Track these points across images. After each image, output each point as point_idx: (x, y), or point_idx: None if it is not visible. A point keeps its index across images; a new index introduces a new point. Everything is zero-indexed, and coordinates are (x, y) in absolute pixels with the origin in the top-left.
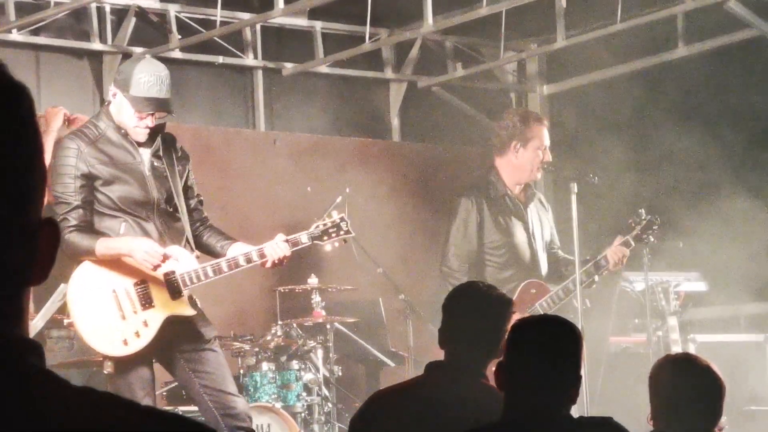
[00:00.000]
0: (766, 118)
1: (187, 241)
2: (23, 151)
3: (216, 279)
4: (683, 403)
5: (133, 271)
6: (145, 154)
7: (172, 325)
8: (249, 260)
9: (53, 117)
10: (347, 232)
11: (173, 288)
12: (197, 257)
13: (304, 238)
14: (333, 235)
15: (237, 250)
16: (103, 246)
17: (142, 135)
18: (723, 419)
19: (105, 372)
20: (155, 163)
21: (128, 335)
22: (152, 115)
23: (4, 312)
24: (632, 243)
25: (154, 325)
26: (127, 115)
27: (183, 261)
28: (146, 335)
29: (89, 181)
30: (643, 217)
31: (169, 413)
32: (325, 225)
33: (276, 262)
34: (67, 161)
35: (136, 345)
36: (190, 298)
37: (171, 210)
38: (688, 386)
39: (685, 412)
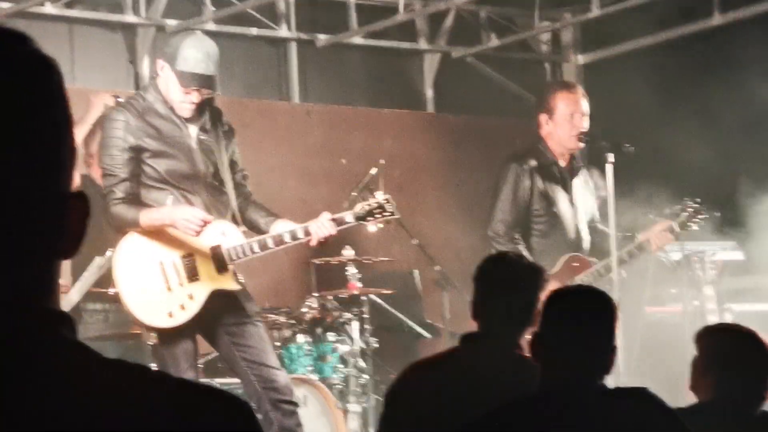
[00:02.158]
0: None
1: (233, 215)
2: (53, 124)
3: (262, 255)
4: (729, 373)
5: (179, 243)
6: (193, 127)
7: (216, 299)
8: (294, 237)
9: (94, 106)
10: (392, 213)
11: (219, 262)
12: (243, 232)
13: (348, 217)
14: (377, 215)
15: (281, 227)
16: (147, 217)
17: (187, 110)
18: None
19: (149, 343)
20: (202, 137)
21: (173, 308)
22: (197, 91)
23: (36, 284)
24: (677, 229)
25: (200, 298)
26: (173, 90)
27: (230, 235)
28: (191, 308)
29: (137, 153)
30: (691, 206)
31: (203, 385)
32: (369, 205)
33: (321, 240)
34: (115, 133)
35: (181, 317)
36: (233, 273)
37: (217, 184)
38: (733, 355)
39: (730, 382)
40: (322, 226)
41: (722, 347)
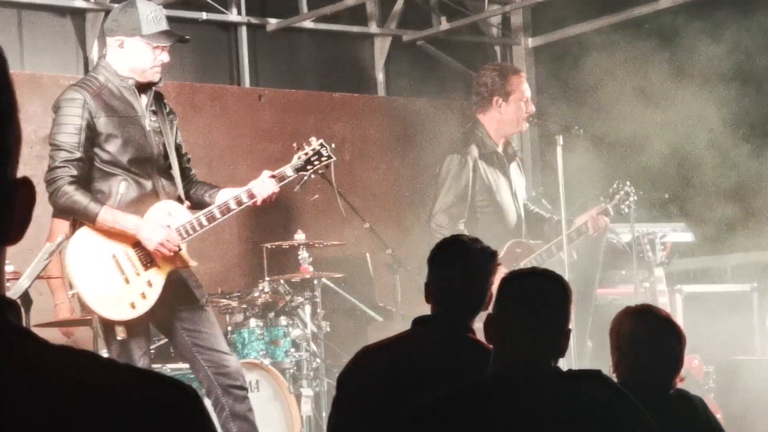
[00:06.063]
0: (750, 68)
1: (179, 197)
2: None
3: (211, 227)
4: (644, 354)
5: (128, 233)
6: (145, 108)
7: (167, 287)
8: (240, 203)
9: None
10: (329, 157)
11: None
12: (189, 207)
13: (288, 171)
14: (315, 163)
15: (225, 194)
16: (109, 214)
17: (158, 74)
18: (684, 370)
19: (118, 338)
20: (152, 119)
21: (135, 298)
22: (167, 50)
23: None
24: (611, 212)
25: (158, 284)
26: (142, 58)
27: (176, 214)
28: (152, 295)
29: (93, 134)
30: (621, 189)
31: (148, 371)
32: (306, 154)
33: (266, 199)
34: (74, 111)
35: (144, 306)
36: (185, 251)
37: (166, 166)
38: (647, 336)
39: (645, 363)
40: (264, 185)
41: (640, 330)
